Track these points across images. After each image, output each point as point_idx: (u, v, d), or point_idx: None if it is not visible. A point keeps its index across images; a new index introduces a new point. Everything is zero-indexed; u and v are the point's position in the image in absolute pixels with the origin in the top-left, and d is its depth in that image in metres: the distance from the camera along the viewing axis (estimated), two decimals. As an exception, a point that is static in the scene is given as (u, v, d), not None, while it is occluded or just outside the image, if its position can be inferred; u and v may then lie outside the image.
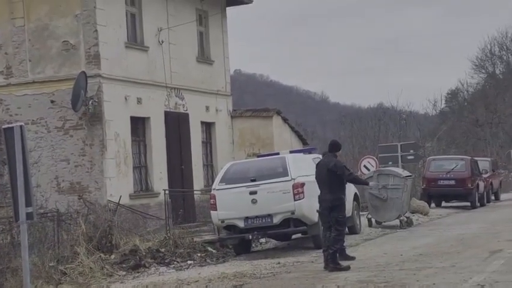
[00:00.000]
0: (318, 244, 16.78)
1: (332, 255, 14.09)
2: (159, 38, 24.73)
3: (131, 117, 23.24)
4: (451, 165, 31.69)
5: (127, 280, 15.35)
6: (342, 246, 14.79)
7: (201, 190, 25.83)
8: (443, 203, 32.22)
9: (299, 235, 19.51)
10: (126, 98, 22.94)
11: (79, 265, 16.00)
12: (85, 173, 21.89)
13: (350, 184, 17.69)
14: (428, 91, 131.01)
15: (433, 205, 31.07)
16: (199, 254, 17.73)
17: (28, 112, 22.42)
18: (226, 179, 17.69)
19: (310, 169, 16.46)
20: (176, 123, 25.40)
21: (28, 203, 11.47)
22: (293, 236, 19.86)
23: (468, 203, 31.20)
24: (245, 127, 28.75)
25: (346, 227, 15.74)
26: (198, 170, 26.48)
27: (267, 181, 17.33)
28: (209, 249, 18.29)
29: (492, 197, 35.49)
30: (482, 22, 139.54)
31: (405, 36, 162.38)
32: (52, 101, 22.26)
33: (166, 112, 24.89)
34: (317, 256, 16.09)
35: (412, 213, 25.69)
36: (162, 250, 17.43)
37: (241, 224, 17.42)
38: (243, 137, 28.65)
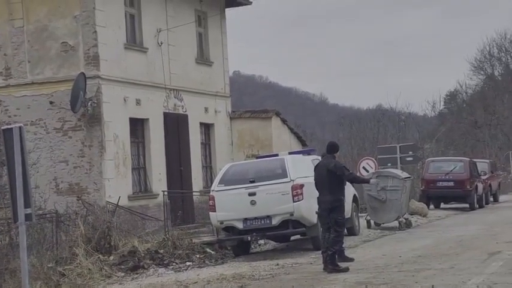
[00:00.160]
0: (317, 245, 16.77)
1: (331, 256, 14.08)
2: (158, 39, 24.72)
3: (130, 118, 23.23)
4: (450, 166, 31.70)
5: (126, 281, 15.35)
6: (341, 247, 14.80)
7: (200, 191, 25.81)
8: (442, 205, 32.23)
9: (298, 236, 19.53)
10: (125, 99, 22.93)
11: (78, 266, 16.00)
12: (84, 174, 21.88)
13: (349, 185, 17.70)
14: (427, 92, 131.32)
15: (432, 207, 31.05)
16: (198, 256, 17.72)
17: (27, 113, 22.40)
18: (225, 180, 17.67)
19: (309, 170, 16.45)
20: (175, 124, 25.39)
21: (27, 204, 11.47)
22: (292, 238, 19.87)
23: (467, 205, 31.19)
24: (244, 128, 28.73)
25: (345, 229, 15.75)
26: (197, 171, 26.46)
27: (266, 182, 17.31)
28: (208, 250, 18.28)
29: (491, 199, 35.49)
30: (481, 23, 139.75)
31: (404, 37, 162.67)
32: (51, 102, 22.25)
33: (165, 113, 24.88)
34: (316, 257, 16.08)
35: (411, 214, 25.70)
36: (161, 251, 17.42)
37: (240, 226, 17.40)
38: (242, 138, 28.63)
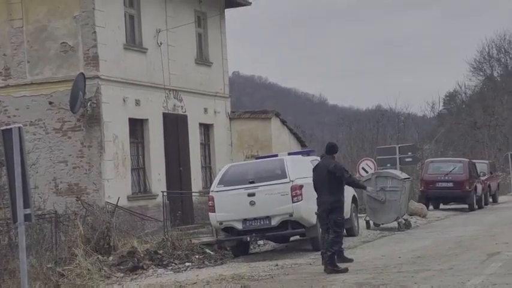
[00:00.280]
0: (316, 246, 16.78)
1: (330, 257, 14.08)
2: (158, 40, 24.72)
3: (129, 118, 23.23)
4: (449, 167, 31.69)
5: (125, 282, 15.34)
6: (340, 248, 14.80)
7: (199, 192, 25.81)
8: (441, 205, 32.22)
9: (297, 237, 19.52)
10: (124, 100, 22.92)
11: (77, 267, 16.00)
12: (83, 175, 21.87)
13: (348, 186, 17.67)
14: (426, 93, 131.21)
15: (431, 207, 31.05)
16: (197, 256, 17.72)
17: (26, 113, 22.40)
18: (224, 181, 17.67)
19: (308, 171, 16.44)
20: (174, 125, 25.39)
21: (26, 205, 11.48)
22: (291, 238, 19.86)
23: (466, 206, 31.19)
24: (243, 129, 28.73)
25: (344, 229, 15.75)
26: (197, 172, 26.45)
27: (266, 183, 17.31)
28: (207, 251, 18.28)
29: (490, 200, 35.47)
30: (480, 24, 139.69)
31: (403, 38, 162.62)
32: (50, 103, 22.24)
33: (164, 114, 24.88)
34: (315, 258, 16.07)
35: (410, 215, 25.69)
36: (160, 252, 17.41)
37: (239, 226, 17.40)
38: (242, 139, 28.63)
